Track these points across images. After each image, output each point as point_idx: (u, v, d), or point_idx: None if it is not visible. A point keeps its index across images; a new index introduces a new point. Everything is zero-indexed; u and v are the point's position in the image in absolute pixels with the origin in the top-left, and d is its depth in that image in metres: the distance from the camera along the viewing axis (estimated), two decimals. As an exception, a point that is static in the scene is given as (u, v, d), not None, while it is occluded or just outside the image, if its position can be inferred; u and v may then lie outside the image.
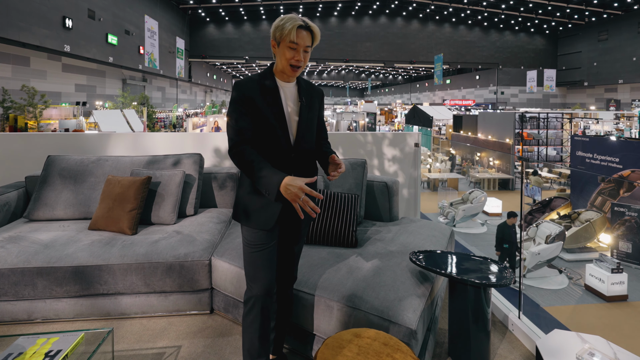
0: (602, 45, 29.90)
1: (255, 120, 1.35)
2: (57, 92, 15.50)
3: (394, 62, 33.47)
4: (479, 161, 16.11)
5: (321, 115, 1.57)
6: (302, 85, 1.46)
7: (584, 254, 7.67)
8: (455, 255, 1.81)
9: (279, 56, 1.35)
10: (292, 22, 1.32)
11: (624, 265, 6.42)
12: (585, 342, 1.25)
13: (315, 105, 1.49)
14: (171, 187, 2.42)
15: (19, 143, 2.95)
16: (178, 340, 1.84)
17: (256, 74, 1.41)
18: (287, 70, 1.35)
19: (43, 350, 1.29)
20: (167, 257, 1.99)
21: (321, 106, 1.55)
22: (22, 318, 1.96)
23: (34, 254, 1.95)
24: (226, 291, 1.97)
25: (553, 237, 7.03)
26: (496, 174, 14.32)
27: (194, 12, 28.96)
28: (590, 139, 9.25)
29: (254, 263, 1.37)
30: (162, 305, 2.02)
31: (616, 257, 7.03)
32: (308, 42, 1.35)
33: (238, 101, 1.34)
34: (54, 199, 2.44)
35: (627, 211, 7.36)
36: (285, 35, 1.32)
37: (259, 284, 1.36)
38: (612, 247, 7.39)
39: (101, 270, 1.94)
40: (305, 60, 1.36)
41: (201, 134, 3.32)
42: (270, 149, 1.36)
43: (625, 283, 5.93)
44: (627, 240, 7.15)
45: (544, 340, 1.27)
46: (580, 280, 6.56)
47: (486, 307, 1.56)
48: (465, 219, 10.02)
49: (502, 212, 10.93)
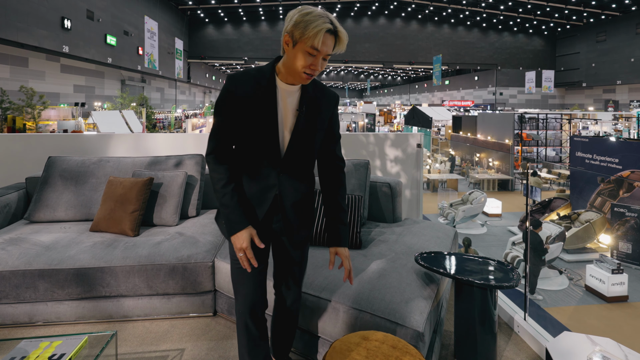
0: (601, 46, 30.00)
1: (242, 123, 1.18)
2: (56, 93, 15.46)
3: (393, 63, 33.52)
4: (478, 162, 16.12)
5: (333, 130, 1.30)
6: (307, 89, 1.22)
7: (584, 255, 7.67)
8: (460, 256, 1.80)
9: (292, 58, 1.12)
10: (319, 24, 1.07)
11: (624, 266, 6.42)
12: (596, 344, 1.25)
13: (320, 115, 1.24)
14: (173, 188, 2.41)
15: (19, 144, 2.93)
16: (181, 343, 1.82)
17: (254, 68, 1.21)
18: (299, 77, 1.14)
19: (46, 354, 1.27)
20: (169, 258, 1.97)
21: (333, 117, 1.28)
22: (24, 321, 1.94)
23: (36, 256, 1.93)
24: (229, 293, 1.95)
25: (553, 237, 7.03)
26: (496, 175, 14.33)
27: (193, 13, 28.94)
28: (589, 140, 9.27)
29: (235, 277, 1.31)
30: (165, 308, 2.01)
31: (616, 258, 7.03)
32: (331, 48, 1.12)
33: (227, 99, 1.17)
34: (55, 200, 2.42)
35: (627, 212, 7.36)
36: (307, 38, 1.08)
37: (241, 300, 1.31)
38: (612, 247, 7.39)
39: (103, 273, 1.92)
40: (322, 67, 1.15)
41: (202, 134, 3.30)
42: (254, 159, 1.22)
43: (625, 284, 5.93)
44: (627, 241, 7.15)
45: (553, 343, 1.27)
46: (581, 281, 6.56)
47: (492, 308, 1.55)
48: (465, 220, 10.03)
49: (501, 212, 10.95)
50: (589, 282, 6.22)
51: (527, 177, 2.40)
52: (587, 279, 6.28)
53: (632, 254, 7.06)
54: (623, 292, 5.95)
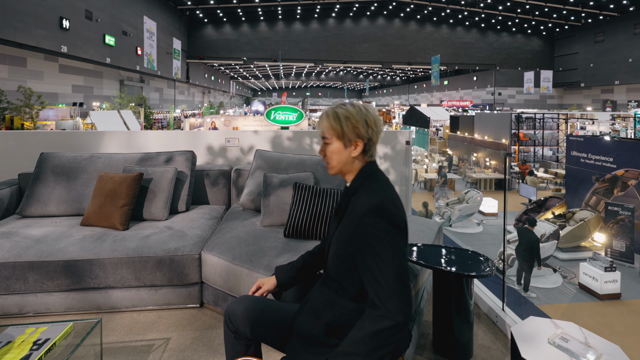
0: (599, 47, 30.09)
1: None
2: (54, 93, 15.49)
3: (391, 63, 33.59)
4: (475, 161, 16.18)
5: (364, 260, 1.01)
6: (346, 189, 1.16)
7: (578, 253, 7.71)
8: (441, 248, 1.85)
9: (354, 155, 1.14)
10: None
11: (617, 264, 6.47)
12: (558, 327, 1.29)
13: (349, 226, 1.07)
14: (163, 183, 2.45)
15: (12, 141, 2.98)
16: (167, 332, 1.86)
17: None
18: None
19: (31, 339, 1.31)
20: (157, 251, 2.01)
21: (361, 238, 1.02)
22: (13, 312, 1.98)
23: (26, 249, 1.98)
24: (216, 285, 1.99)
25: (547, 236, 7.07)
26: (492, 174, 14.38)
27: (191, 13, 29.00)
28: (585, 139, 9.32)
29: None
30: (152, 299, 2.05)
31: (610, 256, 7.07)
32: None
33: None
34: (46, 196, 2.46)
35: (620, 210, 7.41)
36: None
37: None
38: (606, 246, 7.44)
39: (92, 265, 1.97)
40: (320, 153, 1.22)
41: (193, 131, 3.34)
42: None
43: (618, 281, 5.97)
44: (621, 239, 7.20)
45: (518, 327, 1.31)
46: (575, 279, 6.60)
47: (468, 297, 1.60)
48: (461, 219, 10.07)
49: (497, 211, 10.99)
50: (582, 280, 6.27)
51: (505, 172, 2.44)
52: (581, 277, 6.32)
53: (625, 252, 7.11)
54: (616, 289, 5.99)
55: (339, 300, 1.09)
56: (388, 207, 1.02)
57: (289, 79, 51.31)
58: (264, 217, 2.28)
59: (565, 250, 7.79)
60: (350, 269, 1.07)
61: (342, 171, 1.16)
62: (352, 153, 1.13)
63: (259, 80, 51.90)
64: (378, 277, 0.97)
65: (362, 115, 1.13)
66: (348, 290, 1.08)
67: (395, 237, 1.00)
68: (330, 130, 1.13)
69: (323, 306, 1.11)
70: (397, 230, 1.01)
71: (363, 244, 1.01)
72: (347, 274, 1.08)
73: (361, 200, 1.05)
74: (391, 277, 0.96)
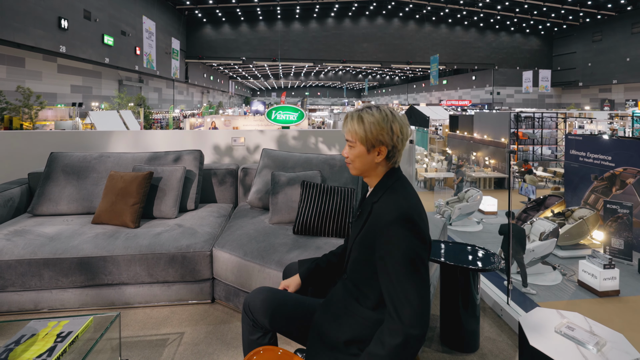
0: (597, 46, 30.22)
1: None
2: (53, 93, 15.47)
3: (390, 62, 33.65)
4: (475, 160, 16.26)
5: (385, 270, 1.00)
6: (370, 196, 1.15)
7: (577, 251, 7.79)
8: (447, 244, 1.89)
9: (377, 161, 1.13)
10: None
11: (616, 261, 6.53)
12: (564, 317, 1.34)
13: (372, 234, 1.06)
14: (172, 182, 2.49)
15: (21, 141, 3.01)
16: (181, 327, 1.90)
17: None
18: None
19: (55, 331, 1.36)
20: (169, 248, 2.06)
21: (383, 247, 1.01)
22: (29, 308, 2.02)
23: (40, 246, 2.02)
24: (227, 280, 2.04)
25: (547, 234, 7.14)
26: (492, 173, 14.46)
27: (190, 12, 28.97)
28: (583, 138, 9.39)
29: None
30: (165, 295, 2.09)
31: (609, 254, 7.15)
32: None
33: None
34: (57, 194, 2.50)
35: (619, 208, 7.49)
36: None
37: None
38: (604, 243, 7.52)
39: (105, 261, 2.01)
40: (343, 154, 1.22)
41: (200, 131, 3.39)
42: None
43: (617, 278, 6.04)
44: (619, 237, 7.27)
45: (525, 317, 1.36)
46: (574, 276, 6.67)
47: (475, 291, 1.65)
48: (461, 218, 10.14)
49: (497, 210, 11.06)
50: (582, 277, 6.33)
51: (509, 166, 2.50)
52: (580, 274, 6.39)
53: (623, 249, 7.18)
54: (615, 286, 6.06)
55: (360, 310, 1.09)
56: (415, 219, 1.00)
57: (288, 78, 51.32)
58: (272, 215, 2.32)
59: (564, 248, 7.86)
60: (370, 276, 1.06)
61: (364, 174, 1.16)
62: (375, 159, 1.11)
63: (258, 80, 51.89)
64: (398, 289, 0.96)
65: (387, 121, 1.10)
66: (369, 297, 1.08)
67: (419, 250, 0.98)
68: (353, 134, 1.12)
69: (344, 313, 1.12)
70: (422, 243, 1.00)
71: (385, 252, 1.00)
72: (367, 281, 1.08)
73: (387, 209, 1.03)
74: (411, 291, 0.95)
